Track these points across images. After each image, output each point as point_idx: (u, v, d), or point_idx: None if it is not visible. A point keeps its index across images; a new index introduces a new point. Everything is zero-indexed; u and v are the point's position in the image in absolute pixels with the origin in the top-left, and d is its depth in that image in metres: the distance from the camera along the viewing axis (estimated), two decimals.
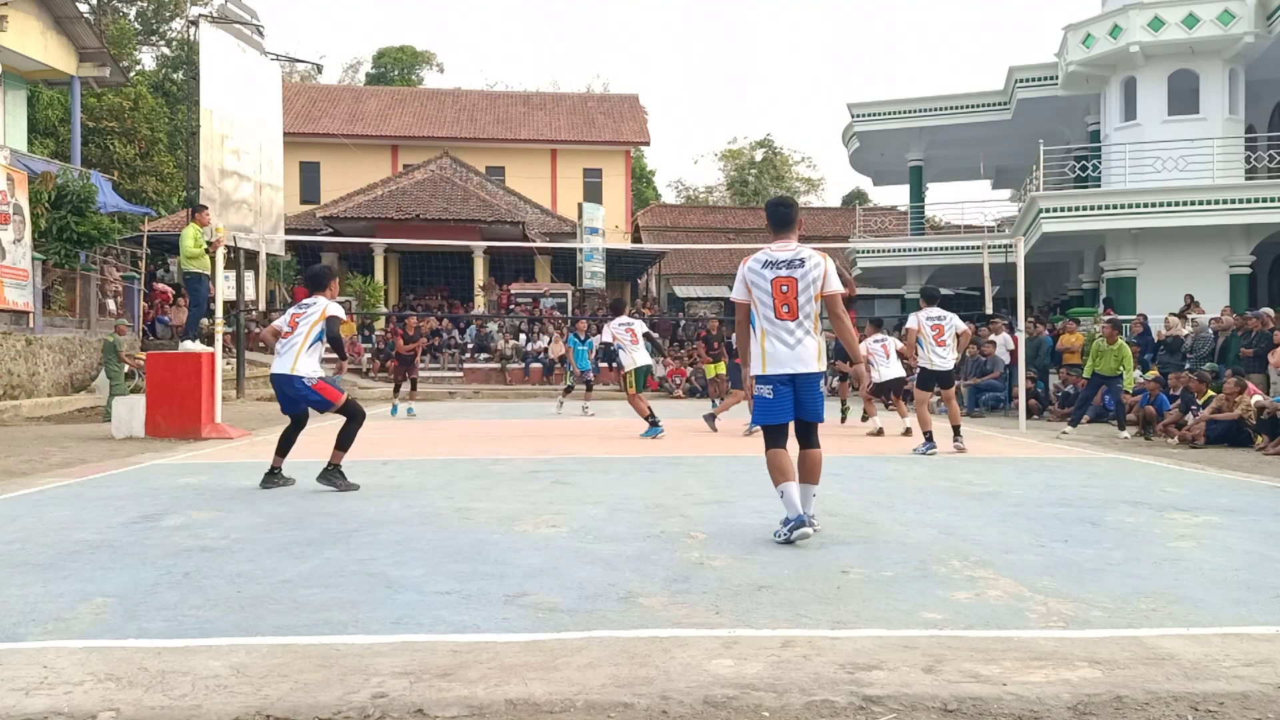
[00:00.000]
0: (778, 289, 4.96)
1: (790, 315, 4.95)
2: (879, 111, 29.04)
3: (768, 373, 4.98)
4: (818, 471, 5.09)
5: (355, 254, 31.11)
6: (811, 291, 4.96)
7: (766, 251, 5.09)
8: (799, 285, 4.95)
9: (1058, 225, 21.19)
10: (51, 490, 6.88)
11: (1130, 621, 3.50)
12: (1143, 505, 6.28)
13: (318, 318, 6.85)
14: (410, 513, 5.81)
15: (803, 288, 4.95)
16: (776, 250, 5.07)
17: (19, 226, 15.74)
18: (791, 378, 4.96)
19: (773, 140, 61.47)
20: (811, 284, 4.96)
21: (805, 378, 4.98)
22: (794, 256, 5.00)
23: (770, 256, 5.05)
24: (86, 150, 27.22)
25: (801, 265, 4.97)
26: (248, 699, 2.70)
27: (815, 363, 5.00)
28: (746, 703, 2.69)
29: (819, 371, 5.03)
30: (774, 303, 4.97)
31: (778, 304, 4.96)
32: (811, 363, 4.98)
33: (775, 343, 4.97)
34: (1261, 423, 10.69)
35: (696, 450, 9.41)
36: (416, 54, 54.52)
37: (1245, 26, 20.23)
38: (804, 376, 4.98)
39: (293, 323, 6.95)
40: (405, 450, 9.79)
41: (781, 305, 4.96)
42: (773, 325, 4.98)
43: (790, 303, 4.94)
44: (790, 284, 4.95)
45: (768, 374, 4.98)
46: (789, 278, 4.96)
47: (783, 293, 4.95)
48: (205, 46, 17.92)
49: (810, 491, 5.08)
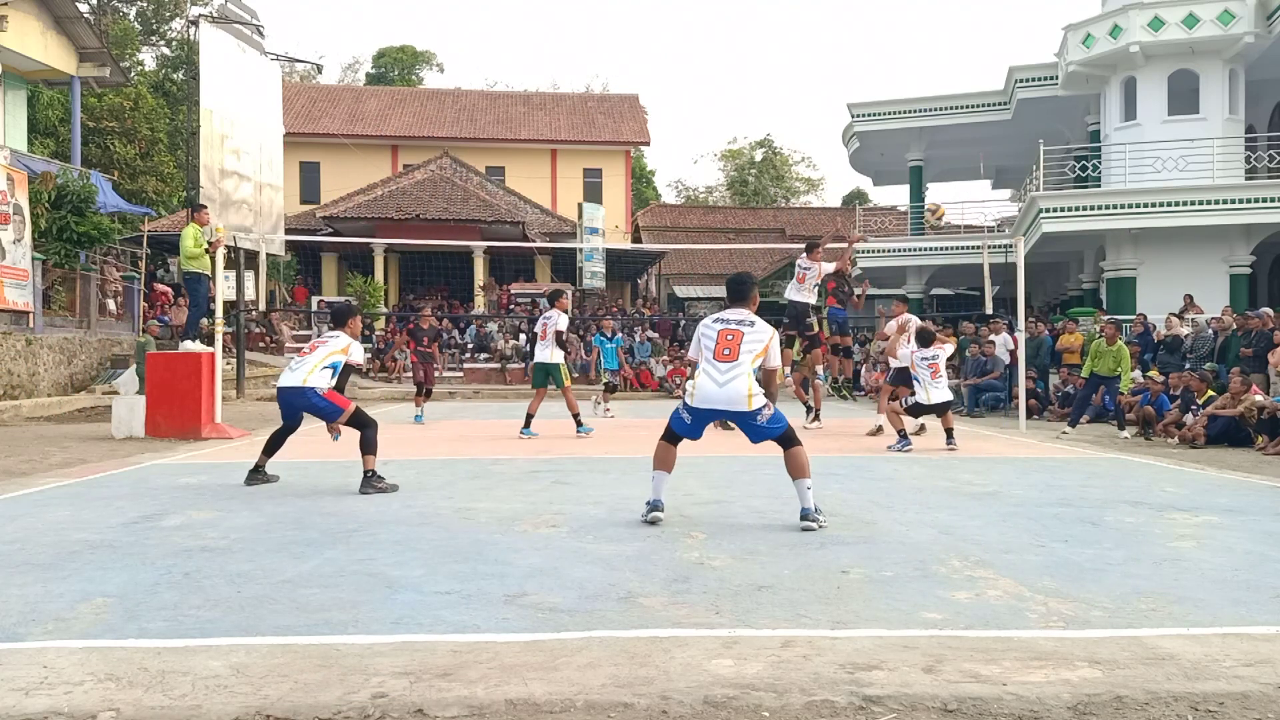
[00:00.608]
0: (723, 337, 5.35)
1: (729, 358, 5.27)
2: (879, 111, 29.04)
3: (695, 405, 5.30)
4: (803, 466, 5.29)
5: (355, 254, 31.11)
6: (754, 349, 5.31)
7: (720, 314, 5.54)
8: (744, 338, 5.32)
9: (1058, 225, 21.19)
10: (51, 490, 6.88)
11: (1130, 621, 3.50)
12: (1143, 505, 6.28)
13: (339, 350, 6.99)
14: (410, 513, 5.81)
15: (747, 340, 5.31)
16: (729, 314, 5.52)
17: (19, 226, 15.73)
18: (714, 413, 5.33)
19: (773, 140, 61.54)
20: (756, 344, 5.32)
21: (737, 415, 5.28)
22: (745, 318, 5.44)
23: (722, 316, 5.51)
24: (86, 150, 27.22)
25: (752, 325, 5.40)
26: (248, 699, 2.70)
27: (746, 403, 5.22)
28: (746, 703, 2.69)
29: (752, 410, 5.23)
30: (715, 347, 5.33)
31: (719, 348, 5.32)
32: (740, 402, 5.22)
33: (706, 379, 5.29)
34: (1261, 423, 10.69)
35: (696, 450, 9.40)
36: (416, 54, 54.52)
37: (1245, 26, 20.23)
38: (734, 415, 5.29)
39: (312, 347, 7.11)
40: (405, 450, 9.79)
41: (723, 349, 5.31)
42: (709, 365, 5.31)
43: (732, 348, 5.29)
44: (736, 335, 5.34)
45: (695, 405, 5.30)
46: (737, 330, 5.36)
47: (727, 339, 5.33)
48: (205, 46, 17.93)
49: (804, 486, 5.28)
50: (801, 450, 5.31)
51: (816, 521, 5.19)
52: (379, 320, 29.34)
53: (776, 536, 5.06)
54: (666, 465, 5.49)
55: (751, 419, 5.26)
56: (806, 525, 5.17)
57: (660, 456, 5.49)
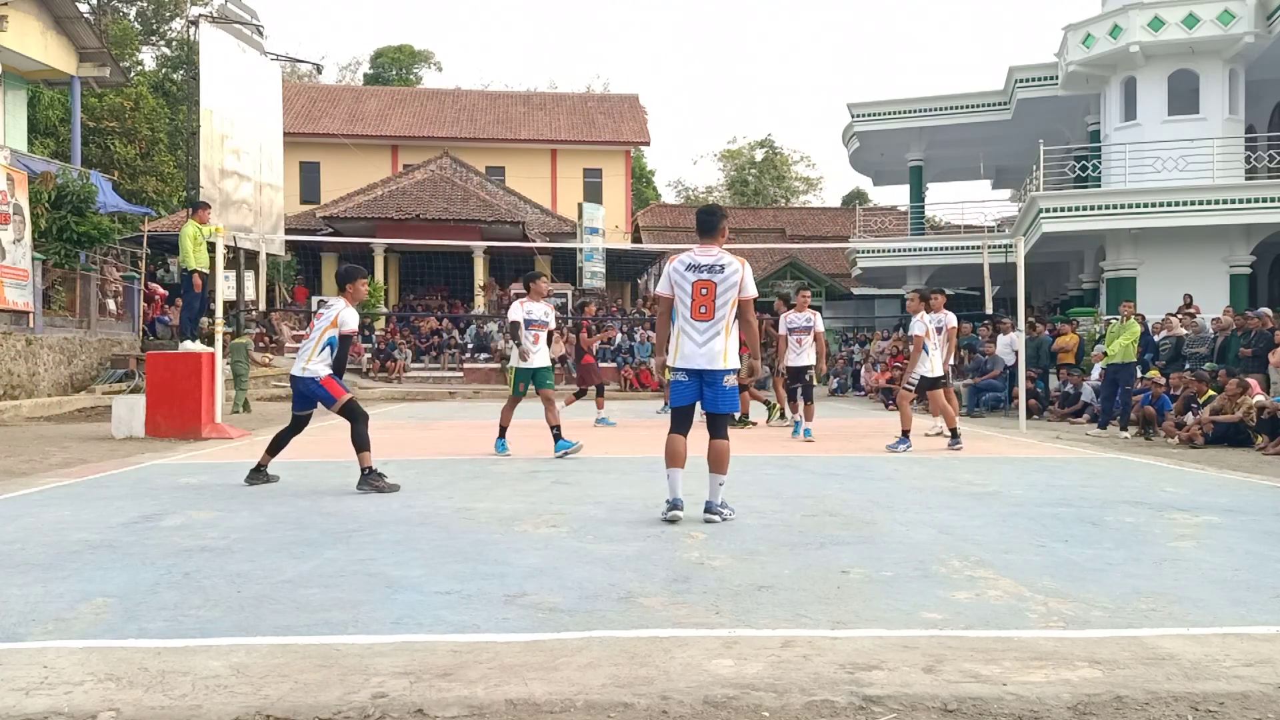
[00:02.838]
0: (698, 291, 5.47)
1: (706, 316, 5.46)
2: (879, 111, 29.04)
3: (678, 365, 5.53)
4: (724, 462, 5.48)
5: (355, 254, 31.07)
6: (730, 295, 5.45)
7: (691, 254, 5.57)
8: (718, 289, 5.45)
9: (1058, 225, 21.19)
10: (51, 490, 6.88)
11: (1130, 621, 3.50)
12: (1143, 505, 6.27)
13: (330, 324, 6.96)
14: (410, 513, 5.80)
15: (721, 291, 5.44)
16: (699, 254, 5.55)
17: (19, 226, 15.73)
18: (699, 372, 5.47)
19: (773, 140, 61.51)
20: (730, 288, 5.45)
21: (710, 374, 5.47)
22: (715, 261, 5.49)
23: (693, 260, 5.54)
24: (87, 150, 27.21)
25: (721, 271, 5.47)
26: (248, 699, 2.70)
27: (721, 361, 5.46)
28: (746, 703, 2.69)
29: (724, 369, 5.47)
30: (692, 303, 5.48)
31: (695, 305, 5.48)
32: (717, 360, 5.45)
33: (686, 340, 5.50)
34: (1261, 423, 10.69)
35: (696, 451, 9.40)
36: (415, 53, 54.49)
37: (1245, 26, 20.23)
38: (709, 373, 5.46)
39: (311, 326, 7.17)
40: (405, 450, 9.79)
41: (699, 306, 5.47)
42: (688, 324, 5.50)
43: (708, 304, 5.45)
44: (710, 287, 5.46)
45: (677, 366, 5.53)
46: (709, 281, 5.46)
47: (702, 295, 5.46)
48: (205, 46, 17.93)
49: (717, 481, 5.49)
50: (726, 445, 5.52)
51: (721, 515, 5.43)
52: (379, 320, 29.34)
53: (776, 536, 5.06)
54: (679, 460, 5.50)
55: (719, 378, 5.46)
56: (709, 518, 5.40)
57: (671, 450, 5.50)
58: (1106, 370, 12.74)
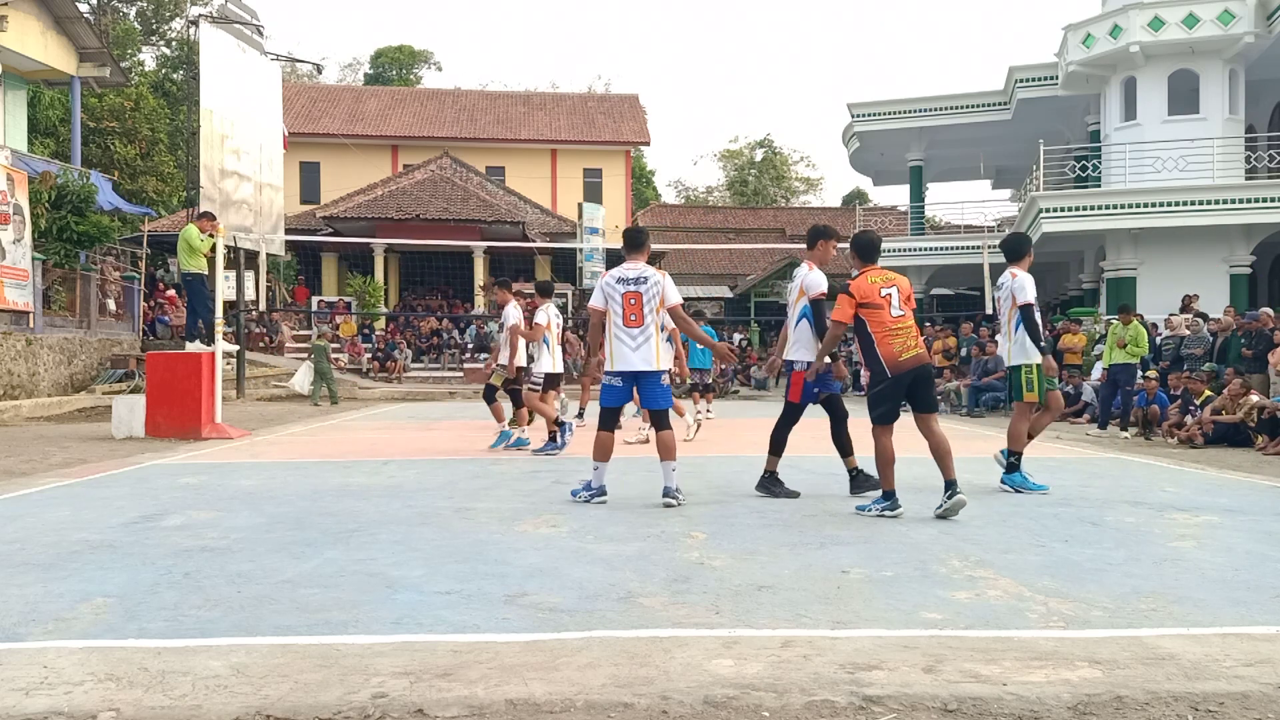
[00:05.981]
0: (628, 301, 6.16)
1: (636, 323, 6.13)
2: (879, 111, 29.03)
3: (615, 369, 6.17)
4: (671, 449, 6.11)
5: (355, 254, 31.11)
6: (654, 303, 6.15)
7: (620, 269, 6.27)
8: (644, 298, 6.14)
9: (1058, 225, 21.19)
10: (51, 490, 6.88)
11: (1130, 621, 3.50)
12: (1143, 505, 6.28)
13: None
14: (410, 513, 5.81)
15: (646, 299, 6.14)
16: (628, 269, 6.25)
17: (19, 226, 15.74)
18: (634, 375, 6.16)
19: (773, 140, 61.53)
20: (653, 297, 6.15)
21: (645, 375, 6.16)
22: (640, 274, 6.20)
23: (622, 274, 6.24)
24: (87, 150, 27.22)
25: (645, 282, 6.17)
26: (248, 699, 2.70)
27: (655, 363, 6.14)
28: (746, 703, 2.69)
29: (658, 370, 6.16)
30: (624, 312, 6.15)
31: (626, 313, 6.15)
32: (651, 362, 6.12)
33: (620, 345, 6.15)
34: (1261, 423, 10.69)
35: (696, 450, 9.41)
36: (415, 53, 54.48)
37: (1245, 26, 20.23)
38: (644, 374, 6.15)
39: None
40: (405, 450, 9.79)
41: (630, 314, 6.14)
42: (621, 330, 6.15)
43: (637, 312, 6.14)
44: (636, 297, 6.16)
45: (615, 369, 6.17)
46: (636, 292, 6.16)
47: (631, 304, 6.15)
48: (205, 46, 17.89)
49: (669, 468, 6.07)
50: (671, 435, 6.16)
51: (675, 499, 5.97)
52: (379, 320, 29.33)
53: (776, 536, 5.06)
54: (606, 456, 6.19)
55: (655, 378, 6.15)
56: (667, 502, 5.96)
57: (600, 446, 6.16)
58: (1108, 370, 12.72)
